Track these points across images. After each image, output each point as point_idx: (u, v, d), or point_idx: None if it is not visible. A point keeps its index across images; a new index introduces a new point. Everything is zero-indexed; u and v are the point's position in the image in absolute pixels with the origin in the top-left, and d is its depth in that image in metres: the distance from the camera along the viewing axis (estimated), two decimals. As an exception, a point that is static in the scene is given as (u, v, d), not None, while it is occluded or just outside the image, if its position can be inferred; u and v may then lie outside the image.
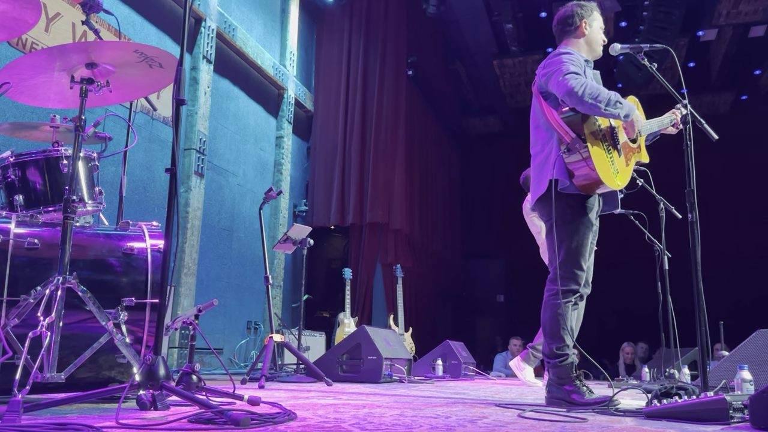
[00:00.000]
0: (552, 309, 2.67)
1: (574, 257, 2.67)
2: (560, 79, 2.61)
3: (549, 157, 2.71)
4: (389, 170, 7.83)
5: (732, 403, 1.90)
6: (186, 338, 5.19)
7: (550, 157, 2.70)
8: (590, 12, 2.93)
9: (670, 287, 4.51)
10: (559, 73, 2.63)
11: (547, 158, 2.72)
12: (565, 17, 2.92)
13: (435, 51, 10.12)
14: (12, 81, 2.24)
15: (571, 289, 2.67)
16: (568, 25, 2.91)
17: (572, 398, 2.52)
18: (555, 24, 2.96)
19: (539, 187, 2.74)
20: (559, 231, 2.66)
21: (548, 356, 2.66)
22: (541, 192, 2.72)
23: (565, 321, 2.63)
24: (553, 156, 2.68)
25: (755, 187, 10.27)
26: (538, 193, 2.75)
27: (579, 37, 2.91)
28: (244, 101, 6.77)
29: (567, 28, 2.92)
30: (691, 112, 2.43)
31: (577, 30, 2.90)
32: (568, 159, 2.63)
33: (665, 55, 7.35)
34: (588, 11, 2.92)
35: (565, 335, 2.63)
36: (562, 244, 2.68)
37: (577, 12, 2.91)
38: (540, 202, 2.76)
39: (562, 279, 2.66)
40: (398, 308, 6.69)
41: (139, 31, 5.19)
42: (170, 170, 2.04)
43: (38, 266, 2.25)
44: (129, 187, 4.93)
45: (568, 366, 2.60)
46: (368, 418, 1.88)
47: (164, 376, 1.87)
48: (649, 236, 4.89)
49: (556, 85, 2.64)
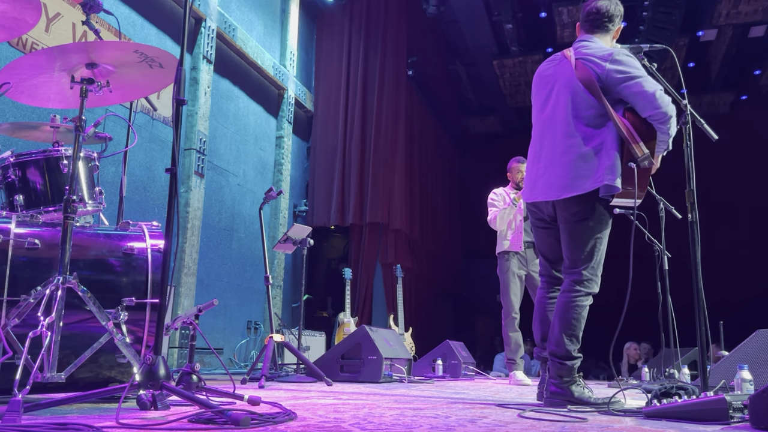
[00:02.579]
0: (577, 310, 2.63)
1: (601, 263, 2.68)
2: (653, 91, 2.51)
3: (600, 156, 2.57)
4: (389, 170, 7.83)
5: (732, 403, 1.90)
6: (186, 338, 5.19)
7: (601, 157, 2.56)
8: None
9: (670, 287, 4.51)
10: (648, 83, 2.54)
11: (596, 156, 2.57)
12: (611, 14, 2.80)
13: (435, 51, 10.12)
14: (12, 81, 2.24)
15: (593, 293, 2.67)
16: (610, 22, 2.79)
17: (578, 398, 2.51)
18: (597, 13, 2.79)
19: (580, 184, 2.58)
20: (596, 235, 2.63)
21: (564, 357, 2.60)
22: (586, 191, 2.58)
23: (583, 323, 2.64)
24: (606, 158, 2.55)
25: (755, 187, 10.27)
26: (578, 190, 2.59)
27: (610, 38, 2.82)
28: (244, 101, 6.77)
29: (608, 25, 2.80)
30: (691, 112, 2.42)
31: (613, 30, 2.82)
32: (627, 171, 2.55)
33: (665, 55, 7.36)
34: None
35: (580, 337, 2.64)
36: (598, 248, 2.65)
37: (620, 13, 2.83)
38: (577, 199, 2.61)
39: (591, 281, 2.64)
40: (398, 308, 6.69)
41: (139, 31, 5.19)
42: (170, 170, 2.04)
43: (38, 266, 2.25)
44: (129, 187, 4.93)
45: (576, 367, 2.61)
46: (368, 418, 1.88)
47: (164, 376, 1.87)
48: (649, 236, 4.89)
49: (643, 94, 2.53)
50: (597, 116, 2.62)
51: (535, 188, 2.75)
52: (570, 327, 2.61)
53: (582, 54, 2.71)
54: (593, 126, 2.61)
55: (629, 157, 2.54)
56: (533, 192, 2.77)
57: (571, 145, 2.64)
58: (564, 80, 2.73)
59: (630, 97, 2.57)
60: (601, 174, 2.54)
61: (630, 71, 2.57)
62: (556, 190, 2.64)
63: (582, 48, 2.74)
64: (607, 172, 2.53)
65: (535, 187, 2.75)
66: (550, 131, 2.74)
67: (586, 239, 2.62)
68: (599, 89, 2.60)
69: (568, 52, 2.79)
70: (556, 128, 2.71)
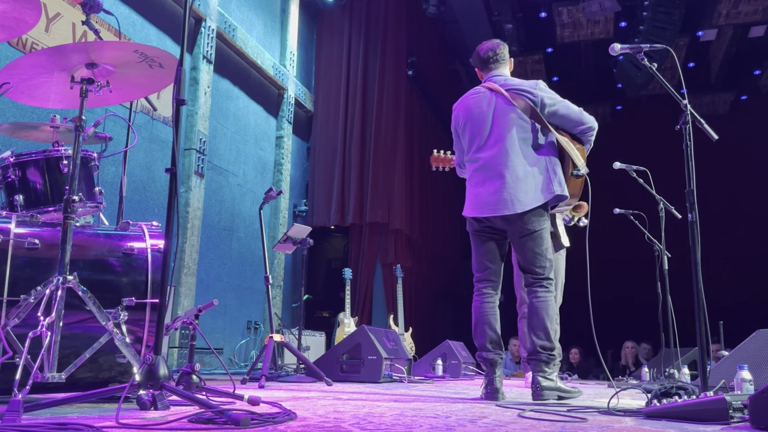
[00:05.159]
0: (554, 307, 2.93)
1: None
2: (578, 110, 3.04)
3: (547, 171, 2.96)
4: (389, 170, 7.83)
5: (732, 403, 1.90)
6: (186, 338, 5.19)
7: (548, 172, 2.96)
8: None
9: (670, 287, 4.52)
10: (572, 105, 3.03)
11: (544, 171, 2.96)
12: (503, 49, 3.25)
13: (435, 51, 10.12)
14: (12, 81, 2.24)
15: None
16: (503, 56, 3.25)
17: (564, 390, 2.86)
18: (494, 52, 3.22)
19: (536, 197, 2.93)
20: (549, 239, 3.00)
21: (553, 350, 2.88)
22: (542, 202, 2.94)
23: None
24: (553, 172, 2.96)
25: (755, 186, 10.27)
26: (535, 203, 2.93)
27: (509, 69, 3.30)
28: (244, 101, 6.77)
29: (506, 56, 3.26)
30: (691, 112, 2.42)
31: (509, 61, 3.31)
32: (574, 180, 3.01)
33: (665, 55, 7.35)
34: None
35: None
36: (550, 248, 3.02)
37: (507, 47, 3.32)
38: (534, 211, 2.94)
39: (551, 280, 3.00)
40: (398, 308, 6.69)
41: (139, 31, 5.19)
42: (170, 170, 2.03)
43: (38, 266, 2.25)
44: (129, 187, 4.93)
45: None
46: (368, 418, 1.88)
47: (164, 376, 1.87)
48: (649, 236, 4.90)
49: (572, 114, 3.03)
50: (537, 138, 3.02)
51: (487, 206, 3.00)
52: (553, 322, 2.91)
53: (510, 86, 3.08)
54: (535, 147, 3.00)
55: (570, 167, 3.00)
56: (485, 209, 3.01)
57: (520, 164, 2.96)
58: (500, 110, 3.06)
59: (560, 118, 3.03)
60: (554, 186, 2.94)
61: (555, 96, 3.05)
62: (517, 205, 2.93)
63: (505, 80, 3.13)
64: (558, 185, 2.95)
65: (487, 204, 3.00)
66: (498, 156, 3.01)
67: (546, 245, 2.98)
68: (537, 114, 2.99)
69: (493, 85, 3.12)
70: (505, 152, 2.99)
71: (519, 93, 3.03)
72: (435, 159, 3.84)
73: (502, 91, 3.05)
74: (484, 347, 3.03)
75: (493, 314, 3.06)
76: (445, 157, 3.82)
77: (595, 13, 8.12)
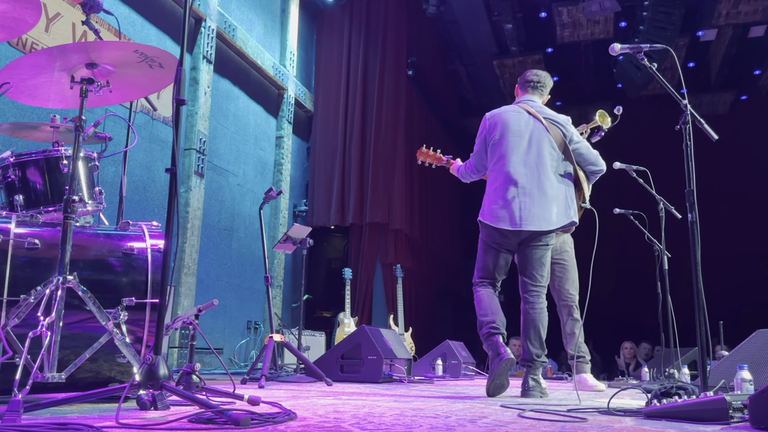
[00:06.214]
0: (546, 314, 3.27)
1: None
2: (596, 153, 3.37)
3: (567, 199, 3.27)
4: (389, 170, 7.83)
5: (732, 403, 1.90)
6: (186, 338, 5.19)
7: (569, 200, 3.27)
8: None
9: (670, 287, 4.52)
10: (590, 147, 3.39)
11: (566, 198, 3.26)
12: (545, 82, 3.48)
13: (435, 51, 10.12)
14: (12, 81, 2.23)
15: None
16: (545, 87, 3.48)
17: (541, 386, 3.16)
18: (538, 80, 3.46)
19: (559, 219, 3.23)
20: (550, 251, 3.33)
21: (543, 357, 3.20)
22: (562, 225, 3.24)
23: None
24: (572, 201, 3.29)
25: (755, 187, 10.26)
26: (556, 225, 3.23)
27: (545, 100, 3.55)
28: (244, 101, 6.77)
29: (543, 90, 3.48)
30: (691, 112, 2.42)
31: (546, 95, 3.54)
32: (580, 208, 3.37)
33: (665, 55, 7.35)
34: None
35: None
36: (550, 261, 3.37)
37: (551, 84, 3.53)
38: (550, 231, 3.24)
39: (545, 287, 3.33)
40: (398, 308, 6.69)
41: (139, 31, 5.19)
42: (170, 170, 2.03)
43: (38, 266, 2.25)
44: (129, 187, 4.93)
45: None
46: (368, 418, 1.88)
47: (164, 376, 1.87)
48: (648, 236, 4.89)
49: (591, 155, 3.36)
50: (562, 167, 3.30)
51: (522, 219, 3.21)
52: (545, 330, 3.23)
53: (547, 115, 3.34)
54: (560, 175, 3.29)
55: (581, 199, 3.39)
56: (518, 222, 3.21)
57: (550, 187, 3.24)
58: (539, 134, 3.29)
59: (579, 156, 3.33)
60: (571, 213, 3.27)
61: (579, 137, 3.35)
62: (545, 223, 3.20)
63: (540, 108, 3.38)
64: (574, 213, 3.27)
65: (521, 218, 3.21)
66: (532, 174, 3.25)
67: (549, 257, 3.32)
68: (566, 146, 3.29)
69: (529, 109, 3.35)
70: (539, 173, 3.25)
71: (554, 123, 3.31)
72: (422, 153, 3.89)
73: (540, 118, 3.31)
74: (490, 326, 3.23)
75: (497, 300, 3.34)
76: (434, 154, 3.85)
77: (595, 13, 8.12)
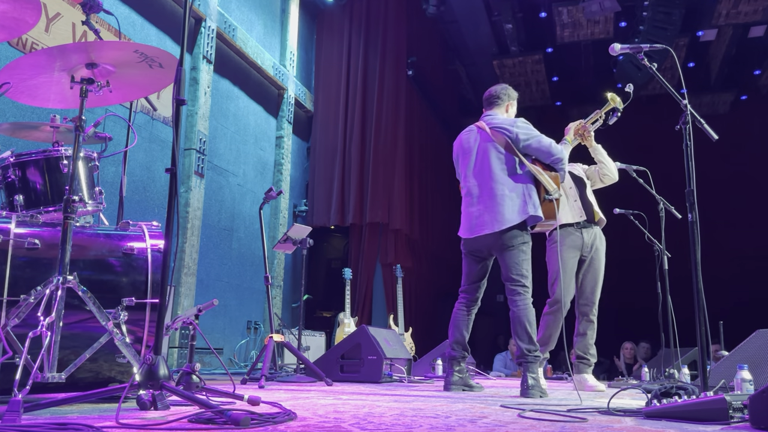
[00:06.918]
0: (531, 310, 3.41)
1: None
2: (548, 143, 3.46)
3: (523, 196, 3.41)
4: (389, 170, 7.83)
5: (732, 403, 1.90)
6: (186, 338, 5.19)
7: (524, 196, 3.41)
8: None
9: (670, 287, 4.52)
10: (543, 139, 3.47)
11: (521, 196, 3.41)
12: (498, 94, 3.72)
13: (435, 51, 10.12)
14: (12, 81, 2.23)
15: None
16: (499, 99, 3.71)
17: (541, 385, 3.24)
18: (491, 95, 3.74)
19: (512, 217, 3.38)
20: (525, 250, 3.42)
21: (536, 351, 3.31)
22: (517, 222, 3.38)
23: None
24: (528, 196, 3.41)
25: (755, 186, 10.26)
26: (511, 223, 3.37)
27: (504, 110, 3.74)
28: (244, 101, 6.77)
29: (498, 101, 3.72)
30: (691, 112, 2.42)
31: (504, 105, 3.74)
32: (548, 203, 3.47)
33: (665, 55, 7.36)
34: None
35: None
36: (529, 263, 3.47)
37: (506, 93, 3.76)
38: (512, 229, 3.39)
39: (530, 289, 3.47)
40: (398, 308, 6.69)
41: (139, 31, 5.19)
42: (170, 170, 2.03)
43: (38, 266, 2.25)
44: (129, 187, 4.93)
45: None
46: (368, 418, 1.88)
47: (164, 376, 1.87)
48: (648, 236, 4.90)
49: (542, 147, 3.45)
50: (514, 168, 3.46)
51: (475, 227, 3.49)
52: (532, 326, 3.35)
53: (493, 124, 3.58)
54: (513, 175, 3.45)
55: (544, 192, 3.46)
56: (474, 229, 3.50)
57: (500, 190, 3.43)
58: (484, 144, 3.56)
59: (534, 151, 3.47)
60: (529, 208, 3.39)
61: (531, 132, 3.48)
62: (496, 225, 3.40)
63: (491, 119, 3.61)
64: (531, 207, 3.39)
65: (475, 226, 3.49)
66: (481, 183, 3.52)
67: (523, 257, 3.41)
68: (513, 147, 3.46)
69: (481, 124, 3.63)
70: (486, 180, 3.49)
71: (498, 130, 3.52)
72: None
73: (486, 129, 3.58)
74: (450, 345, 3.58)
75: (463, 320, 3.61)
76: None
77: (595, 13, 8.12)
